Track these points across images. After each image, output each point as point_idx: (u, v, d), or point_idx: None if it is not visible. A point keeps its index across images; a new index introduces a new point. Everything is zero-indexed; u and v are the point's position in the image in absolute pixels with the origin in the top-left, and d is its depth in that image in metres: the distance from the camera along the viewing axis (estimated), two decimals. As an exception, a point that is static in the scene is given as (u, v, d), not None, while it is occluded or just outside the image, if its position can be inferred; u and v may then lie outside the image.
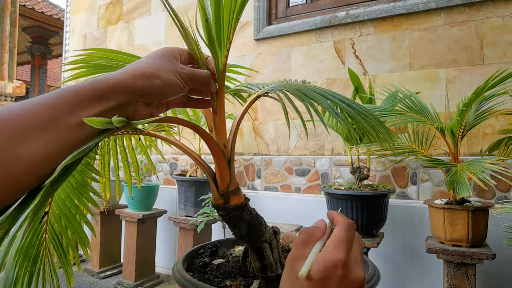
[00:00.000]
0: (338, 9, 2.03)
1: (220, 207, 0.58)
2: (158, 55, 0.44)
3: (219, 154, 0.55)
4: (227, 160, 0.56)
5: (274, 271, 0.60)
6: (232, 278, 0.63)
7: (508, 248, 1.37)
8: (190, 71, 0.46)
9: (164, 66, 0.42)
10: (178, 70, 0.44)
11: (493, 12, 1.64)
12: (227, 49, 0.51)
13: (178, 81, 0.43)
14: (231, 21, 0.50)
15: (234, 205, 0.57)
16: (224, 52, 0.50)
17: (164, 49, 0.45)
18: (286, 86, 0.59)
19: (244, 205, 0.59)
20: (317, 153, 2.03)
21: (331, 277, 0.31)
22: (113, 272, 2.43)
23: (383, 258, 1.75)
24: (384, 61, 1.87)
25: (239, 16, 0.50)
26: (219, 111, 0.54)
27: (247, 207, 0.59)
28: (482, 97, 1.23)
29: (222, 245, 0.80)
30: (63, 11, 6.28)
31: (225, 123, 0.56)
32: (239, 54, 2.30)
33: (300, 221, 1.90)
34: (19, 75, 10.06)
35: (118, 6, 2.96)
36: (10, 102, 4.05)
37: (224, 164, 0.56)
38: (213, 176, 0.58)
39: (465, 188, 1.12)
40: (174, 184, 2.42)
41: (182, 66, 0.45)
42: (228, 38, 0.50)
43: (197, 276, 0.63)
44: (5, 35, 3.91)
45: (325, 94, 0.57)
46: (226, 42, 0.50)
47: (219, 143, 0.55)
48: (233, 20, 0.50)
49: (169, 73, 0.42)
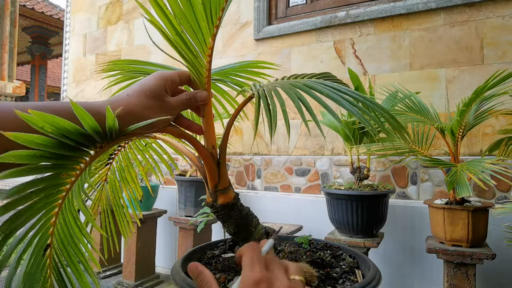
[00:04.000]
0: (338, 9, 2.03)
1: (209, 205, 0.60)
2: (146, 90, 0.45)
3: (206, 155, 0.56)
4: (215, 161, 0.58)
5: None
6: (227, 272, 0.63)
7: (508, 248, 1.37)
8: (180, 106, 0.48)
9: (152, 106, 0.44)
10: (168, 110, 0.46)
11: (493, 12, 1.64)
12: (208, 54, 0.50)
13: (164, 120, 0.46)
14: (209, 16, 0.46)
15: (221, 204, 0.59)
16: (206, 53, 0.50)
17: (153, 81, 0.46)
18: (280, 84, 0.58)
19: (232, 204, 0.60)
20: (317, 153, 2.03)
21: None
22: (113, 272, 2.43)
23: (383, 258, 1.75)
24: (384, 61, 1.88)
25: (217, 11, 0.47)
26: (206, 115, 0.56)
27: (237, 206, 0.61)
28: (482, 97, 1.23)
29: None
30: (63, 11, 6.28)
31: (213, 126, 0.57)
32: (239, 54, 2.30)
33: (300, 221, 1.90)
34: (19, 75, 10.06)
35: (118, 6, 2.96)
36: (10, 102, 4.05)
37: (213, 165, 0.57)
38: (205, 176, 0.60)
39: (465, 188, 1.12)
40: (174, 184, 2.42)
41: (172, 104, 0.47)
42: (211, 36, 0.48)
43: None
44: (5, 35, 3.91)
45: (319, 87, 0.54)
46: (206, 43, 0.49)
47: (207, 145, 0.57)
48: (212, 14, 0.47)
49: (156, 113, 0.45)
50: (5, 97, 3.98)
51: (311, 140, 2.04)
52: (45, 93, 8.68)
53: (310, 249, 0.76)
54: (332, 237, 1.52)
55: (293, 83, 0.55)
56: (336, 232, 1.60)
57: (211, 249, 0.75)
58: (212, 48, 0.50)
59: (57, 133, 0.36)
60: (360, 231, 1.48)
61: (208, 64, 0.51)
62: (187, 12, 0.46)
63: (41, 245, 0.38)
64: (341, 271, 0.63)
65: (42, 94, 8.61)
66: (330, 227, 1.65)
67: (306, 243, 0.77)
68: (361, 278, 0.61)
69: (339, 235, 1.54)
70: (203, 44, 0.49)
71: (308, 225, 1.85)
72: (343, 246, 0.75)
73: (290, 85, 0.54)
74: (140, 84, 0.46)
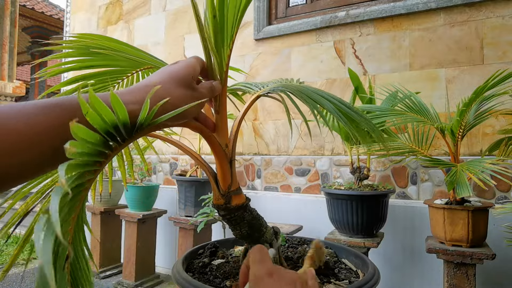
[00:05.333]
0: (338, 9, 2.03)
1: (221, 207, 0.57)
2: (177, 78, 0.42)
3: (221, 154, 0.54)
4: (228, 160, 0.56)
5: None
6: (231, 278, 0.63)
7: (508, 248, 1.37)
8: (207, 94, 0.46)
9: (186, 96, 0.42)
10: (197, 97, 0.44)
11: (493, 12, 1.64)
12: (230, 48, 0.51)
13: (196, 109, 0.44)
14: (235, 19, 0.49)
15: (236, 205, 0.57)
16: (227, 51, 0.50)
17: (183, 69, 0.44)
18: (287, 87, 0.59)
19: (245, 205, 0.58)
20: (317, 153, 2.03)
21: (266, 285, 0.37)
22: (113, 272, 2.43)
23: (383, 258, 1.75)
24: (384, 61, 1.88)
25: (243, 14, 0.50)
26: (221, 111, 0.54)
27: (248, 207, 0.59)
28: (482, 97, 1.23)
29: (221, 245, 0.80)
30: (63, 11, 6.28)
31: (227, 123, 0.56)
32: (239, 54, 2.30)
33: (300, 221, 1.90)
34: (19, 75, 10.06)
35: (118, 6, 2.96)
36: (10, 102, 4.05)
37: (226, 164, 0.55)
38: (214, 176, 0.58)
39: (465, 188, 1.12)
40: (174, 184, 2.42)
41: (202, 92, 0.45)
42: (231, 37, 0.50)
43: (196, 277, 0.63)
44: (5, 35, 3.91)
45: (327, 97, 0.57)
46: (229, 41, 0.50)
47: (221, 143, 0.55)
48: (238, 19, 0.49)
49: (189, 103, 0.41)
50: (5, 97, 3.98)
51: (311, 140, 2.04)
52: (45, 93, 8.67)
53: (288, 245, 0.77)
54: (332, 237, 1.52)
55: (299, 88, 0.57)
56: (336, 232, 1.60)
57: (196, 258, 0.74)
58: (234, 42, 0.52)
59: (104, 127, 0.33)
60: (360, 231, 1.48)
61: (228, 58, 0.51)
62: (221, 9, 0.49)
63: (64, 258, 0.32)
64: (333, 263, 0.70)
65: (41, 94, 8.60)
66: (330, 227, 1.65)
67: (283, 240, 0.78)
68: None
69: (339, 235, 1.54)
70: (229, 37, 0.50)
71: (308, 225, 1.85)
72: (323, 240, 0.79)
73: (300, 92, 0.56)
74: (169, 71, 0.43)
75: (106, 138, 0.35)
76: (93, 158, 0.34)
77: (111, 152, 0.36)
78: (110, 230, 2.46)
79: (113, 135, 0.35)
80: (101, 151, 0.35)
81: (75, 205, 0.34)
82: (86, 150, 0.32)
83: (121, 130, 0.36)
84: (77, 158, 0.30)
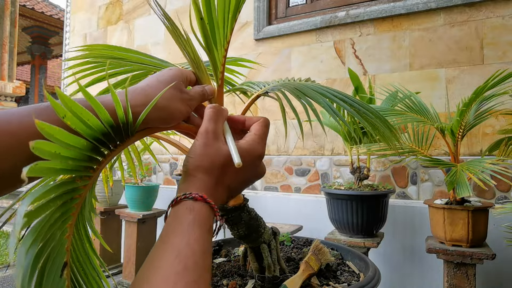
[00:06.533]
0: (338, 9, 2.03)
1: (218, 207, 0.58)
2: (165, 81, 0.44)
3: None
4: None
5: (272, 272, 0.60)
6: (230, 277, 0.63)
7: (508, 248, 1.37)
8: (198, 97, 0.47)
9: (173, 96, 0.44)
10: (187, 101, 0.46)
11: (493, 12, 1.64)
12: (225, 48, 0.51)
13: (184, 110, 0.45)
14: (226, 19, 0.49)
15: (233, 206, 0.57)
16: (222, 52, 0.50)
17: (169, 72, 0.46)
18: (285, 85, 0.59)
19: (243, 206, 0.59)
20: (317, 153, 2.03)
21: (255, 165, 0.45)
22: (113, 272, 2.43)
23: (383, 258, 1.75)
24: (384, 61, 1.87)
25: (235, 15, 0.50)
26: None
27: (246, 208, 0.59)
28: (482, 97, 1.23)
29: (226, 244, 0.80)
30: (63, 11, 6.28)
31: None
32: (239, 54, 2.30)
33: (300, 221, 1.90)
34: (19, 75, 10.06)
35: (118, 6, 2.96)
36: (10, 102, 4.06)
37: None
38: None
39: (465, 188, 1.12)
40: (174, 184, 2.42)
41: (190, 95, 0.46)
42: (225, 37, 0.50)
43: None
44: (5, 35, 3.91)
45: (324, 93, 0.57)
46: (224, 41, 0.50)
47: None
48: (229, 19, 0.49)
49: (178, 104, 0.44)
50: (5, 97, 3.98)
51: (311, 140, 2.04)
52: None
53: (294, 245, 0.77)
54: (332, 237, 1.52)
55: (298, 87, 0.56)
56: (336, 232, 1.60)
57: None
58: (229, 42, 0.52)
59: (88, 131, 0.33)
60: (360, 231, 1.48)
61: (224, 58, 0.51)
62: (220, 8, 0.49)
63: (58, 264, 0.31)
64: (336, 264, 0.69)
65: (42, 94, 8.61)
66: (330, 227, 1.65)
67: (288, 240, 0.78)
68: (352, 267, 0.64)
69: (339, 235, 1.54)
70: (222, 37, 0.50)
71: (308, 225, 1.85)
72: (324, 241, 0.78)
73: (296, 89, 0.55)
74: (156, 76, 0.45)
75: (95, 144, 0.35)
76: (81, 163, 0.33)
77: (104, 159, 0.37)
78: (110, 230, 2.46)
79: (101, 140, 0.35)
80: (91, 156, 0.35)
81: (70, 211, 0.34)
82: (70, 155, 0.31)
83: (111, 134, 0.36)
84: (54, 161, 0.29)
